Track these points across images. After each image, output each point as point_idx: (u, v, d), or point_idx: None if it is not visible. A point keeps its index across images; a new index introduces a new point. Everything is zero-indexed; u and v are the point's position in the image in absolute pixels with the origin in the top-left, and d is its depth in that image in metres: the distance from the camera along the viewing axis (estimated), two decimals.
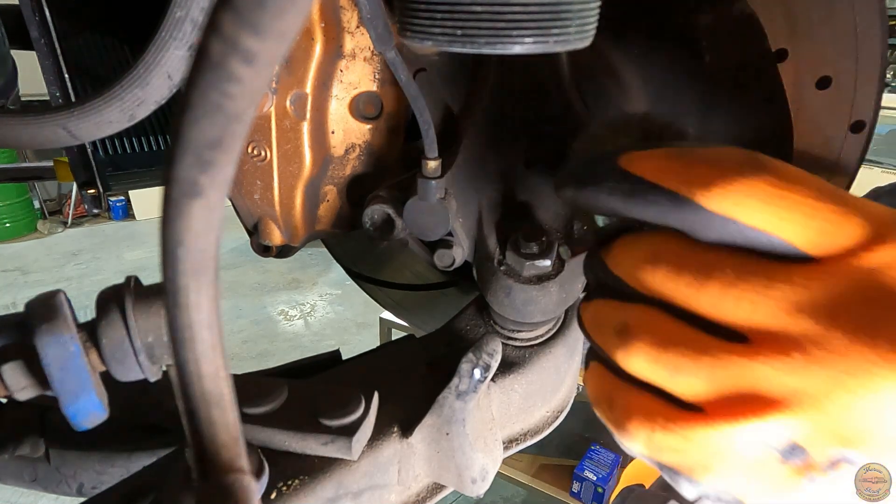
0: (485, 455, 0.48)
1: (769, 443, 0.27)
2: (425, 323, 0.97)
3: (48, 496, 2.29)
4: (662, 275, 0.29)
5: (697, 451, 0.28)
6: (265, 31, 0.16)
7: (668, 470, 0.30)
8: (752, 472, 0.28)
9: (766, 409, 0.26)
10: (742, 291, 0.27)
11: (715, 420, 0.28)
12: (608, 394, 0.32)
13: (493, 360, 0.46)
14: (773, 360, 0.26)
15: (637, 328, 0.30)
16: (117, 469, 0.55)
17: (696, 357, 0.28)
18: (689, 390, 0.28)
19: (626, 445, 0.31)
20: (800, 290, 0.26)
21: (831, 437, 0.26)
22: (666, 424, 0.29)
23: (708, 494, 0.29)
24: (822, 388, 0.26)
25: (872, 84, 0.48)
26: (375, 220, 0.56)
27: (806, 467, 0.27)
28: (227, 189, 0.20)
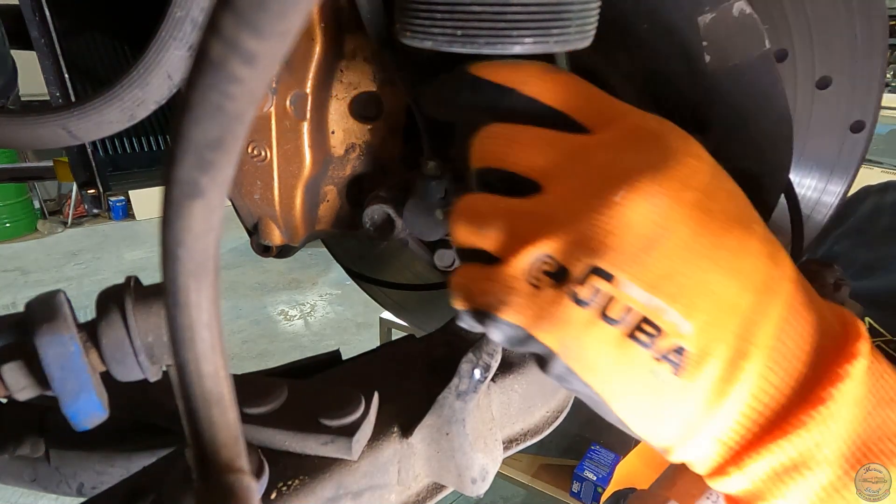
0: (485, 455, 0.48)
1: (544, 269, 0.32)
2: (425, 323, 0.97)
3: (48, 496, 2.29)
4: (491, 144, 0.37)
5: (494, 288, 0.34)
6: (266, 32, 0.16)
7: (479, 315, 0.35)
8: (532, 299, 0.32)
9: (538, 238, 0.33)
10: (534, 146, 0.35)
11: (506, 258, 0.34)
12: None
13: (493, 360, 0.46)
14: (546, 199, 0.34)
15: (459, 207, 0.38)
16: (117, 469, 0.55)
17: (496, 213, 0.35)
18: (493, 242, 0.35)
19: (455, 305, 0.37)
20: (574, 142, 0.35)
21: (580, 250, 0.31)
22: (473, 273, 0.36)
23: (507, 334, 0.34)
24: (575, 212, 0.32)
25: (872, 84, 0.48)
26: (375, 220, 0.56)
27: (566, 283, 0.31)
28: (227, 189, 0.20)
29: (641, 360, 0.31)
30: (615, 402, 0.33)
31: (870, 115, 0.50)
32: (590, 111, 0.36)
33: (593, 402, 0.34)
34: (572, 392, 0.34)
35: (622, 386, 0.32)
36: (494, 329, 0.34)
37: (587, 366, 0.32)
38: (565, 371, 0.33)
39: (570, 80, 0.37)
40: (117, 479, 0.42)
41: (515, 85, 0.37)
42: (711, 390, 0.31)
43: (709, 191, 0.32)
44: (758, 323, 0.31)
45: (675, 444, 0.33)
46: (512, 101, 0.37)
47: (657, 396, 0.31)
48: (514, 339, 0.34)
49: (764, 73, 0.47)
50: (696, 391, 0.31)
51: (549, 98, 0.37)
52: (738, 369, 0.31)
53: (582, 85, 0.37)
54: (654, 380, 0.31)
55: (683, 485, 0.58)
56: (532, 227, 0.34)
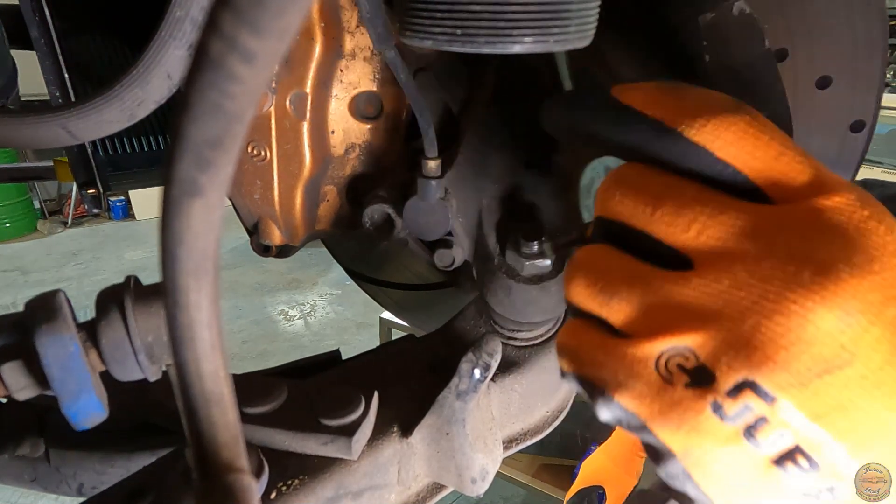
0: (485, 455, 0.48)
1: (679, 363, 0.27)
2: (425, 323, 0.97)
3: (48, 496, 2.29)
4: (624, 195, 0.31)
5: (614, 366, 0.29)
6: (265, 31, 0.16)
7: (588, 385, 0.31)
8: (659, 394, 0.28)
9: (682, 328, 0.27)
10: (694, 212, 0.28)
11: (634, 338, 0.29)
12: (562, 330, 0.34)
13: (492, 360, 0.46)
14: (701, 283, 0.28)
15: (579, 261, 0.33)
16: (117, 469, 0.55)
17: (629, 283, 0.30)
18: (620, 315, 0.30)
19: (559, 363, 0.33)
20: (750, 218, 0.28)
21: (737, 359, 0.26)
22: (589, 340, 0.31)
23: (619, 417, 0.29)
24: (738, 310, 0.27)
25: (872, 84, 0.48)
26: (375, 219, 0.56)
27: (709, 391, 0.26)
28: (226, 188, 0.20)
29: (786, 492, 0.26)
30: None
31: (870, 115, 0.50)
32: (777, 173, 0.29)
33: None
34: (681, 492, 0.29)
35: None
36: (604, 408, 0.29)
37: (713, 481, 0.27)
38: (682, 474, 0.28)
39: (757, 128, 0.29)
40: (117, 479, 0.42)
41: (682, 126, 0.29)
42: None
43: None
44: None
45: None
46: (673, 150, 0.29)
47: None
48: (625, 423, 0.29)
49: (764, 73, 0.47)
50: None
51: (733, 157, 0.29)
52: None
53: (772, 135, 0.29)
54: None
55: None
56: (674, 311, 0.28)
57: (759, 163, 0.29)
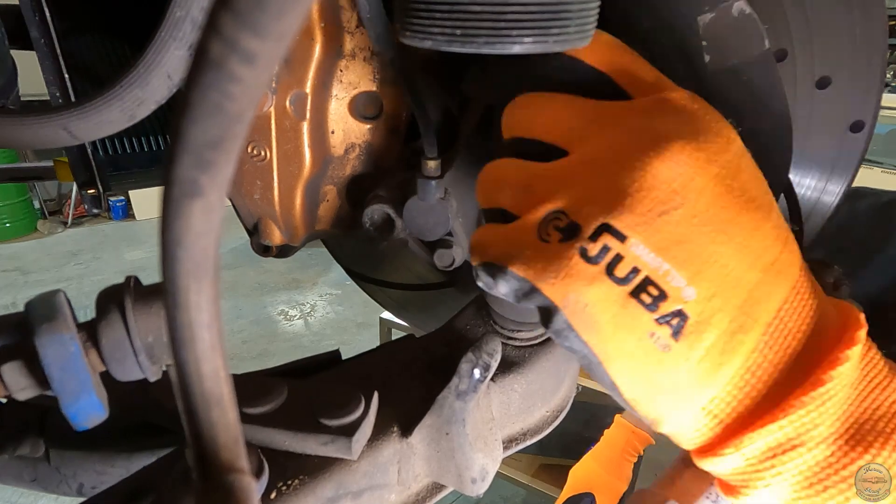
0: (485, 455, 0.48)
1: (555, 225, 0.33)
2: (425, 323, 0.97)
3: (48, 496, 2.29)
4: (518, 110, 0.39)
5: (505, 242, 0.35)
6: (265, 31, 0.16)
7: (489, 269, 0.35)
8: (541, 253, 0.33)
9: (554, 197, 0.34)
10: (564, 113, 0.37)
11: (519, 217, 0.35)
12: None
13: (492, 359, 0.46)
14: (568, 159, 0.35)
15: (483, 171, 0.40)
16: (117, 469, 0.55)
17: (516, 174, 0.37)
18: (509, 201, 0.37)
19: (471, 262, 0.38)
20: (607, 107, 0.36)
21: (594, 207, 0.32)
22: (489, 230, 0.37)
23: (514, 287, 0.34)
24: (594, 171, 0.33)
25: (872, 84, 0.48)
26: (375, 219, 0.56)
27: (577, 240, 0.32)
28: (226, 189, 0.20)
29: (642, 321, 0.31)
30: (611, 363, 0.32)
31: (870, 115, 0.50)
32: (631, 78, 0.37)
33: (589, 362, 0.34)
34: (570, 351, 0.34)
35: (620, 346, 0.32)
36: (502, 282, 0.34)
37: (587, 323, 0.32)
38: (565, 327, 0.32)
39: (617, 44, 0.37)
40: (117, 479, 0.42)
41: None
42: (707, 359, 0.31)
43: (732, 169, 0.33)
44: (761, 300, 0.31)
45: (664, 413, 0.33)
46: (557, 63, 0.37)
47: (653, 361, 0.32)
48: (519, 291, 0.34)
49: (764, 73, 0.47)
50: (693, 358, 0.31)
51: (594, 59, 0.37)
52: (736, 342, 0.31)
53: (628, 52, 0.37)
54: (651, 343, 0.31)
55: (683, 484, 0.58)
56: (549, 186, 0.34)
57: (618, 65, 0.37)
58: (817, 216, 0.60)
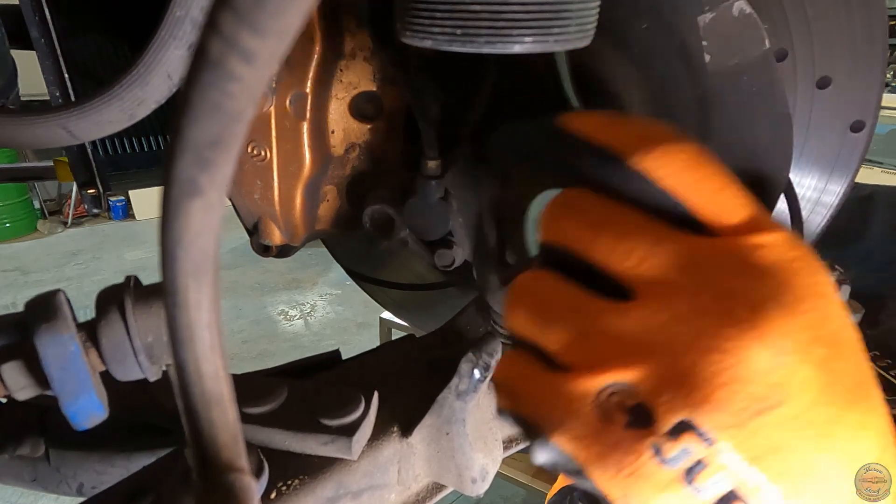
0: (485, 455, 0.48)
1: (619, 401, 0.27)
2: (425, 323, 0.97)
3: (48, 496, 2.29)
4: (567, 218, 0.31)
5: (551, 403, 0.28)
6: (265, 30, 0.16)
7: (524, 424, 0.29)
8: (598, 435, 0.27)
9: (622, 363, 0.27)
10: (635, 241, 0.28)
11: (573, 372, 0.28)
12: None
13: (492, 359, 0.46)
14: (641, 315, 0.27)
15: (519, 287, 0.32)
16: (117, 469, 0.55)
17: (568, 310, 0.29)
18: (558, 345, 0.29)
19: (497, 398, 0.31)
20: (689, 250, 0.27)
21: (677, 397, 0.26)
22: (526, 373, 0.30)
23: (556, 460, 0.28)
24: (676, 345, 0.26)
25: (872, 84, 0.48)
26: (375, 219, 0.56)
27: (649, 432, 0.26)
28: (226, 188, 0.20)
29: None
30: None
31: (870, 115, 0.50)
32: (718, 206, 0.28)
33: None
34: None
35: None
36: (540, 449, 0.28)
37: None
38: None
39: (698, 159, 0.29)
40: (117, 479, 0.42)
41: (626, 154, 0.28)
42: None
43: (836, 345, 0.27)
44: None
45: None
46: (616, 177, 0.29)
47: None
48: (561, 466, 0.28)
49: (764, 73, 0.47)
50: None
51: (670, 181, 0.28)
52: None
53: (712, 169, 0.29)
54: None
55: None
56: (614, 345, 0.28)
57: (701, 195, 0.28)
58: (817, 216, 0.60)
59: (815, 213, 0.59)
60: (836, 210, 0.58)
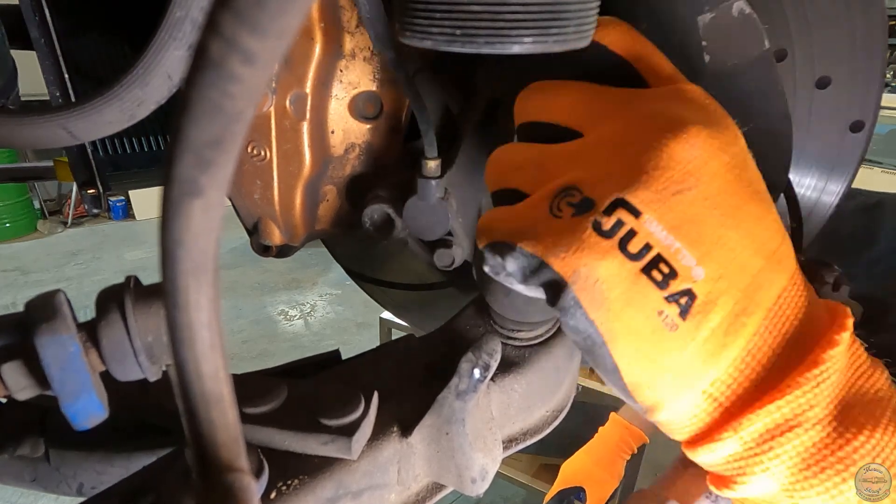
0: (485, 455, 0.48)
1: (568, 201, 0.33)
2: (425, 323, 0.97)
3: (48, 496, 2.29)
4: (532, 97, 0.39)
5: (514, 220, 0.34)
6: (265, 31, 0.16)
7: (496, 248, 0.34)
8: (551, 228, 0.32)
9: (567, 174, 0.33)
10: (579, 95, 0.37)
11: (533, 196, 0.35)
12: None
13: (492, 359, 0.46)
14: (583, 140, 0.35)
15: (493, 154, 0.40)
16: (117, 469, 0.55)
17: (527, 155, 0.37)
18: (520, 181, 0.37)
19: (478, 245, 0.37)
20: (627, 93, 0.36)
21: (610, 183, 0.32)
22: (497, 212, 0.36)
23: (522, 265, 0.33)
24: (610, 150, 0.33)
25: (872, 84, 0.48)
26: (375, 219, 0.56)
27: (590, 213, 0.31)
28: (226, 189, 0.20)
29: (652, 298, 0.31)
30: (616, 342, 0.32)
31: (869, 115, 0.50)
32: (650, 67, 0.37)
33: (592, 343, 0.32)
34: (573, 332, 0.33)
35: (627, 324, 0.31)
36: (510, 260, 0.33)
37: (596, 299, 0.31)
38: (573, 303, 0.32)
39: (637, 34, 0.38)
40: (117, 479, 0.42)
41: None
42: (712, 340, 0.31)
43: (741, 161, 0.33)
44: (763, 286, 0.32)
45: (664, 398, 0.33)
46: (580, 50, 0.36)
47: (659, 340, 0.31)
48: (527, 268, 0.33)
49: (764, 73, 0.47)
50: (698, 339, 0.31)
51: (617, 45, 0.37)
52: (740, 324, 0.31)
53: (647, 42, 0.38)
54: (659, 322, 0.31)
55: (683, 484, 0.58)
56: (563, 164, 0.34)
57: (639, 53, 0.37)
58: (817, 216, 0.60)
59: (814, 213, 0.59)
60: (834, 210, 0.58)
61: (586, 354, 0.34)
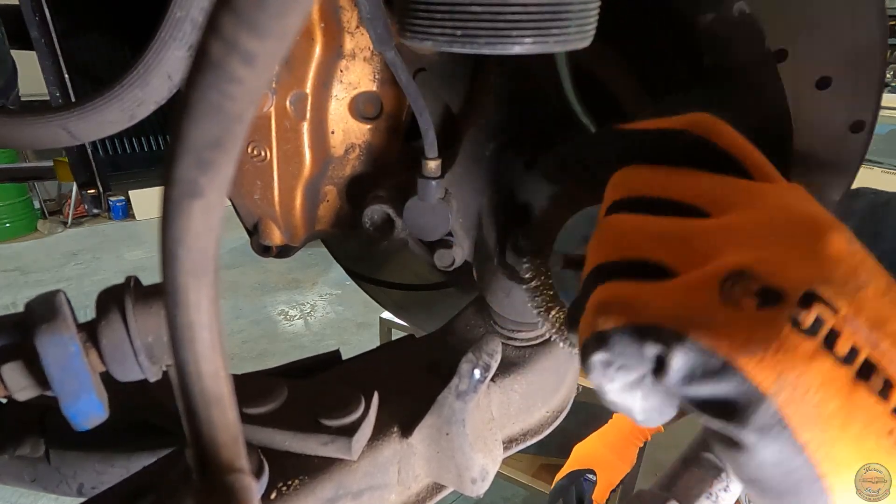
0: (485, 455, 0.48)
1: (743, 289, 0.26)
2: (425, 323, 0.97)
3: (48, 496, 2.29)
4: (639, 176, 0.35)
5: (675, 303, 0.28)
6: (265, 32, 0.16)
7: (648, 334, 0.28)
8: (734, 321, 0.26)
9: (732, 254, 0.28)
10: (700, 179, 0.33)
11: (685, 273, 0.29)
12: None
13: (492, 360, 0.46)
14: (730, 218, 0.30)
15: (609, 219, 0.35)
16: (117, 469, 0.55)
17: (661, 227, 0.32)
18: (662, 255, 0.30)
19: (599, 322, 0.30)
20: (745, 183, 0.33)
21: (798, 271, 0.26)
22: (637, 287, 0.30)
23: (694, 362, 0.27)
24: (768, 230, 0.29)
25: (872, 84, 0.48)
26: (375, 220, 0.56)
27: (783, 306, 0.26)
28: (226, 189, 0.20)
29: (877, 413, 0.24)
30: (838, 474, 0.25)
31: (870, 115, 0.50)
32: (755, 163, 0.34)
33: (797, 478, 0.26)
34: (765, 465, 0.26)
35: (854, 449, 0.25)
36: (679, 354, 0.26)
37: (809, 415, 0.25)
38: (775, 422, 0.25)
39: (735, 131, 0.35)
40: (117, 479, 0.42)
41: (687, 126, 0.34)
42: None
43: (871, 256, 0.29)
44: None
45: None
46: (688, 140, 0.34)
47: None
48: (701, 369, 0.26)
49: (764, 73, 0.47)
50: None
51: (725, 141, 0.34)
52: None
53: (745, 138, 0.35)
54: (890, 445, 0.25)
55: (683, 484, 0.58)
56: (717, 241, 0.29)
57: (745, 150, 0.34)
58: None
59: None
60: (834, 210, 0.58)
61: (778, 499, 0.27)
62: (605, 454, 1.57)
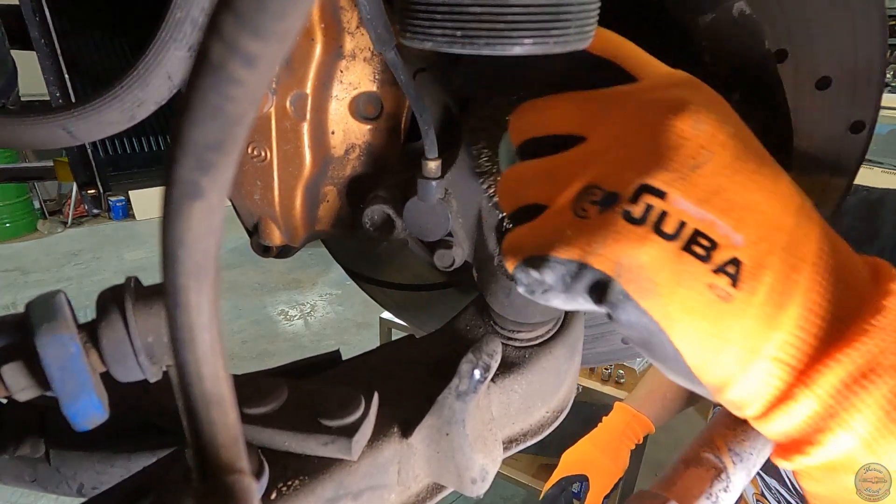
0: (485, 455, 0.48)
1: (590, 200, 0.33)
2: (425, 323, 0.97)
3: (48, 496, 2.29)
4: (526, 116, 0.40)
5: (542, 232, 0.35)
6: (266, 33, 0.16)
7: (530, 263, 0.35)
8: (582, 230, 0.32)
9: (582, 174, 0.34)
10: (574, 104, 0.38)
11: (552, 205, 0.36)
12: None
13: (492, 360, 0.46)
14: (586, 142, 0.36)
15: (502, 177, 0.42)
16: (117, 469, 0.55)
17: (536, 171, 0.38)
18: (535, 194, 0.38)
19: (507, 266, 0.37)
20: (619, 91, 0.37)
21: (627, 171, 0.32)
22: (521, 230, 0.37)
23: (560, 273, 0.33)
24: (618, 142, 0.34)
25: (872, 84, 0.48)
26: (375, 220, 0.56)
27: (617, 205, 0.32)
28: (227, 190, 0.20)
29: (699, 273, 0.30)
30: (673, 326, 0.31)
31: (870, 116, 0.50)
32: (633, 62, 0.38)
33: (648, 334, 0.32)
34: (626, 327, 0.32)
35: (681, 304, 0.31)
36: (548, 271, 0.33)
37: (644, 286, 0.31)
38: (622, 297, 0.31)
39: (611, 33, 0.39)
40: (117, 479, 0.42)
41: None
42: (769, 302, 0.30)
43: (742, 130, 0.34)
44: (802, 241, 0.32)
45: (733, 373, 0.32)
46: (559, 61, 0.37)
47: (716, 314, 0.30)
48: (567, 275, 0.33)
49: (764, 74, 0.47)
50: (755, 303, 0.30)
51: (595, 47, 0.37)
52: (792, 281, 0.31)
53: (625, 40, 0.39)
54: (712, 295, 0.30)
55: (683, 484, 0.58)
56: (574, 168, 0.35)
57: (618, 51, 0.38)
58: None
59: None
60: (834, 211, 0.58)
61: (643, 349, 0.34)
62: (598, 458, 1.52)
